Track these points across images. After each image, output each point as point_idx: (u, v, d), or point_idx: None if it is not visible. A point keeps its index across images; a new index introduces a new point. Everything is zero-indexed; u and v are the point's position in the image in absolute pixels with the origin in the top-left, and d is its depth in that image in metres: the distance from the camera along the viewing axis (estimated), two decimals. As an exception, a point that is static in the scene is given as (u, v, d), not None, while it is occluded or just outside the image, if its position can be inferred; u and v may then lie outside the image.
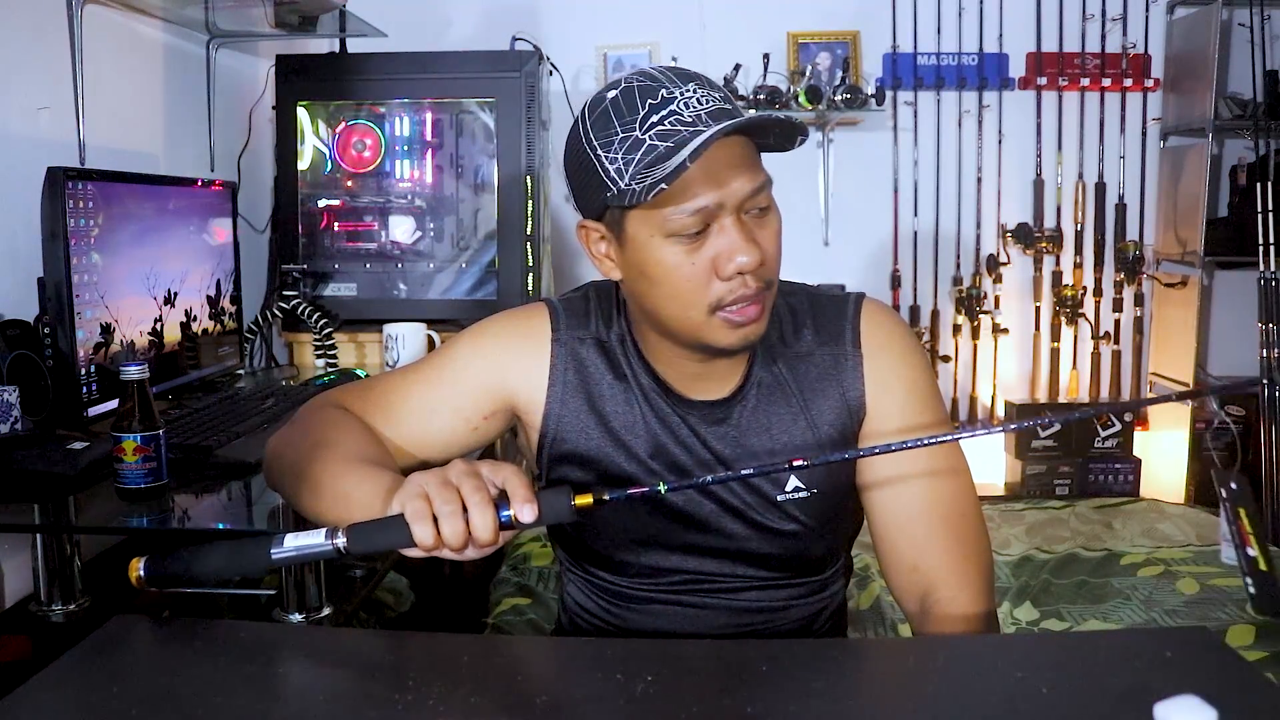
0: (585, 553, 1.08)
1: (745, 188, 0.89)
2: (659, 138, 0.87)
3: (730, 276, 0.90)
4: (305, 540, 0.81)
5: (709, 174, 0.87)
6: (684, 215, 0.88)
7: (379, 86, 2.44)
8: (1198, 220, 2.98)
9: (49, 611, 1.39)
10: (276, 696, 0.74)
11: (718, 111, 0.88)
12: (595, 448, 1.03)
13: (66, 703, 0.71)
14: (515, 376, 1.04)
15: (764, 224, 0.92)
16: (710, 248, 0.90)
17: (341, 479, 0.91)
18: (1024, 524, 2.36)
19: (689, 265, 0.90)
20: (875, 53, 3.14)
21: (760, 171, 0.91)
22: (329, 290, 2.45)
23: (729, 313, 0.92)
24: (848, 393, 1.02)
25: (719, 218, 0.89)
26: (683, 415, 1.02)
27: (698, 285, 0.91)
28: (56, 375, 1.48)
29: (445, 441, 1.04)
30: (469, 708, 0.70)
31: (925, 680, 0.78)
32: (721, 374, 1.02)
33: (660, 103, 0.88)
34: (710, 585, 1.05)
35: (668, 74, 0.91)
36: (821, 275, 3.16)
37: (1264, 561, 0.74)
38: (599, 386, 1.03)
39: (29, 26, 1.76)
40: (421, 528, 0.77)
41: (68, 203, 1.45)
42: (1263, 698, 0.71)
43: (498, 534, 0.78)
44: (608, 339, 1.04)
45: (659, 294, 0.93)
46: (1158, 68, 3.17)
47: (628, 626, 1.08)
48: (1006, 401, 3.25)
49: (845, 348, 1.03)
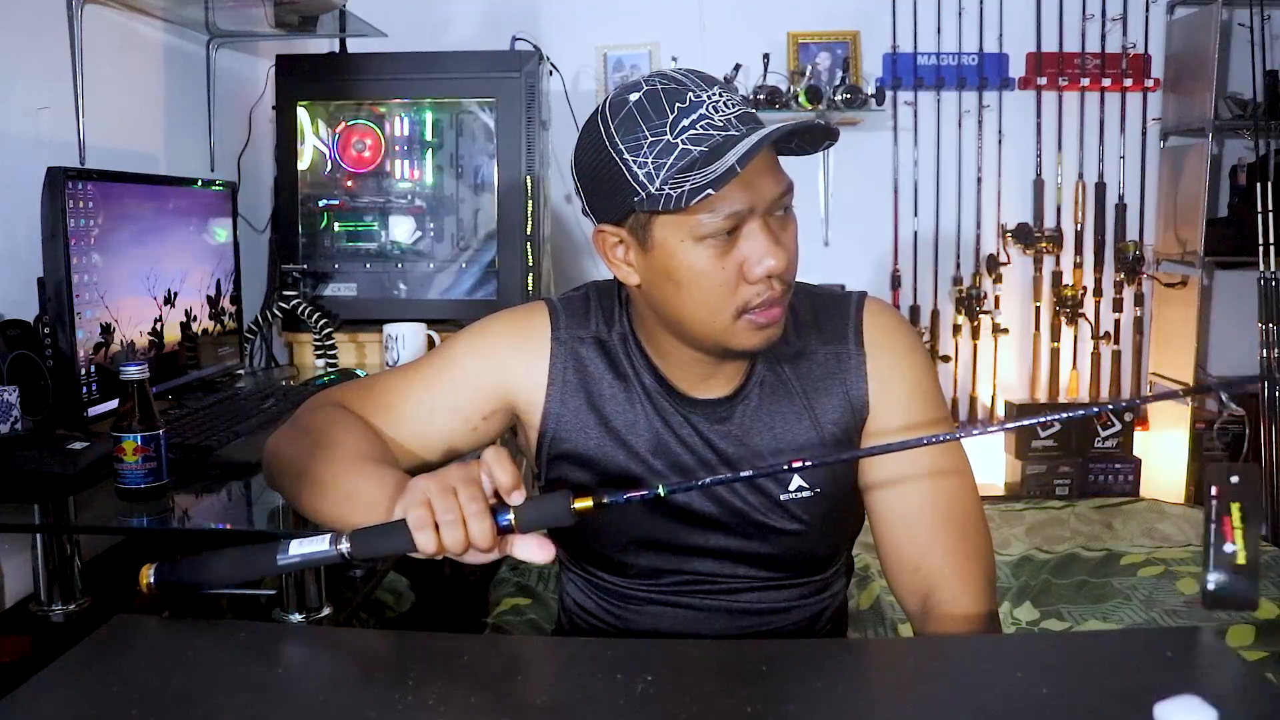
0: (585, 553, 1.08)
1: (774, 190, 0.90)
2: (691, 142, 0.87)
3: (757, 280, 0.90)
4: (310, 546, 0.82)
5: (741, 178, 0.87)
6: (717, 219, 0.89)
7: (379, 86, 2.44)
8: (1198, 220, 2.98)
9: (49, 611, 1.38)
10: (276, 696, 0.74)
11: (744, 115, 0.90)
12: (595, 447, 1.02)
13: (66, 703, 0.71)
14: (514, 376, 1.04)
15: (786, 226, 0.93)
16: (739, 251, 0.90)
17: (346, 478, 0.91)
18: (1024, 524, 2.36)
19: (719, 270, 0.90)
20: (875, 53, 3.14)
21: (784, 174, 0.93)
22: (329, 290, 2.45)
23: (754, 315, 0.92)
24: (851, 391, 1.02)
25: (748, 221, 0.90)
26: (685, 414, 1.02)
27: (726, 289, 0.91)
28: (56, 375, 1.48)
29: (445, 441, 1.04)
30: (469, 708, 0.70)
31: (925, 680, 0.78)
32: (728, 374, 1.02)
33: (689, 106, 0.88)
34: (711, 586, 1.05)
35: (690, 77, 0.91)
36: (821, 275, 3.14)
37: (1244, 556, 0.74)
38: (599, 385, 1.03)
39: (29, 26, 1.76)
40: (424, 536, 0.78)
41: (68, 202, 1.45)
42: (1263, 698, 0.71)
43: (495, 540, 0.79)
44: (609, 338, 1.04)
45: (684, 298, 0.93)
46: (1158, 68, 3.17)
47: (627, 627, 1.08)
48: (1006, 402, 3.25)
49: (848, 346, 1.03)
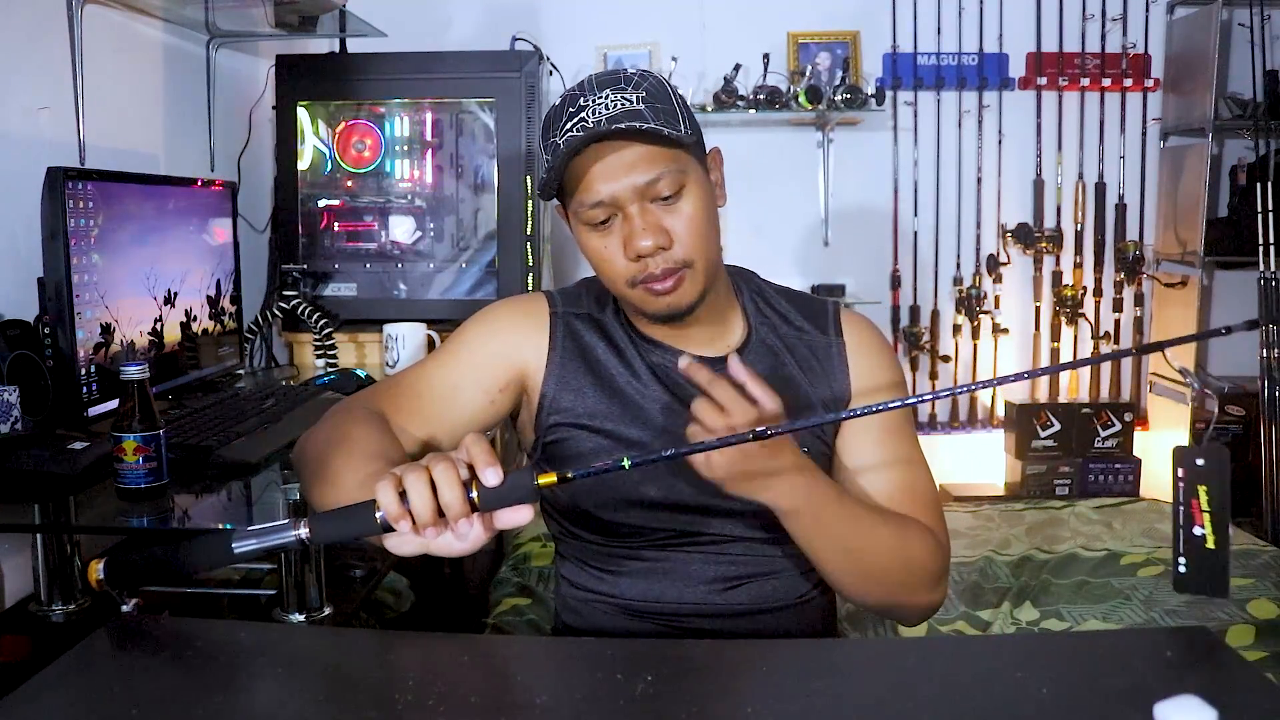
0: (576, 517, 1.11)
1: (639, 180, 1.00)
2: (565, 144, 0.98)
3: (634, 259, 1.01)
4: (266, 533, 0.80)
5: (607, 170, 0.99)
6: (586, 208, 1.02)
7: (379, 86, 2.44)
8: (1198, 220, 2.98)
9: (49, 611, 1.38)
10: (276, 696, 0.74)
11: (617, 115, 0.98)
12: (592, 408, 1.09)
13: (66, 703, 0.71)
14: (521, 347, 1.12)
15: (674, 209, 1.02)
16: (618, 235, 1.02)
17: (354, 473, 0.92)
18: (1024, 524, 2.36)
19: (604, 249, 1.03)
20: (875, 53, 3.14)
21: (659, 163, 1.00)
22: (329, 290, 2.45)
23: (643, 288, 1.03)
24: (834, 384, 1.13)
25: (622, 207, 1.01)
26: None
27: (613, 264, 1.03)
28: (56, 375, 1.48)
29: (468, 418, 1.10)
30: (469, 708, 0.70)
31: (925, 680, 0.78)
32: (707, 338, 1.11)
33: (577, 109, 0.99)
34: (698, 540, 1.08)
35: (593, 81, 1.01)
36: (821, 275, 3.17)
37: (1213, 540, 0.75)
38: (594, 352, 1.12)
39: (29, 26, 1.76)
40: (387, 495, 0.77)
41: (68, 203, 1.45)
42: (1263, 698, 0.71)
43: (466, 507, 0.78)
44: (601, 315, 1.14)
45: (594, 269, 1.07)
46: (1158, 68, 3.17)
47: (618, 593, 1.11)
48: (1006, 402, 3.25)
49: (830, 336, 1.14)
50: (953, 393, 0.96)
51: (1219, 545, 0.74)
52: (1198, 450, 0.75)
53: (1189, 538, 0.75)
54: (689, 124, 1.02)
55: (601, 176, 1.00)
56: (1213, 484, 0.74)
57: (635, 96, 0.99)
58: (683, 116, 1.02)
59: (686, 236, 1.02)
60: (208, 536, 0.84)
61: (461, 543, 0.80)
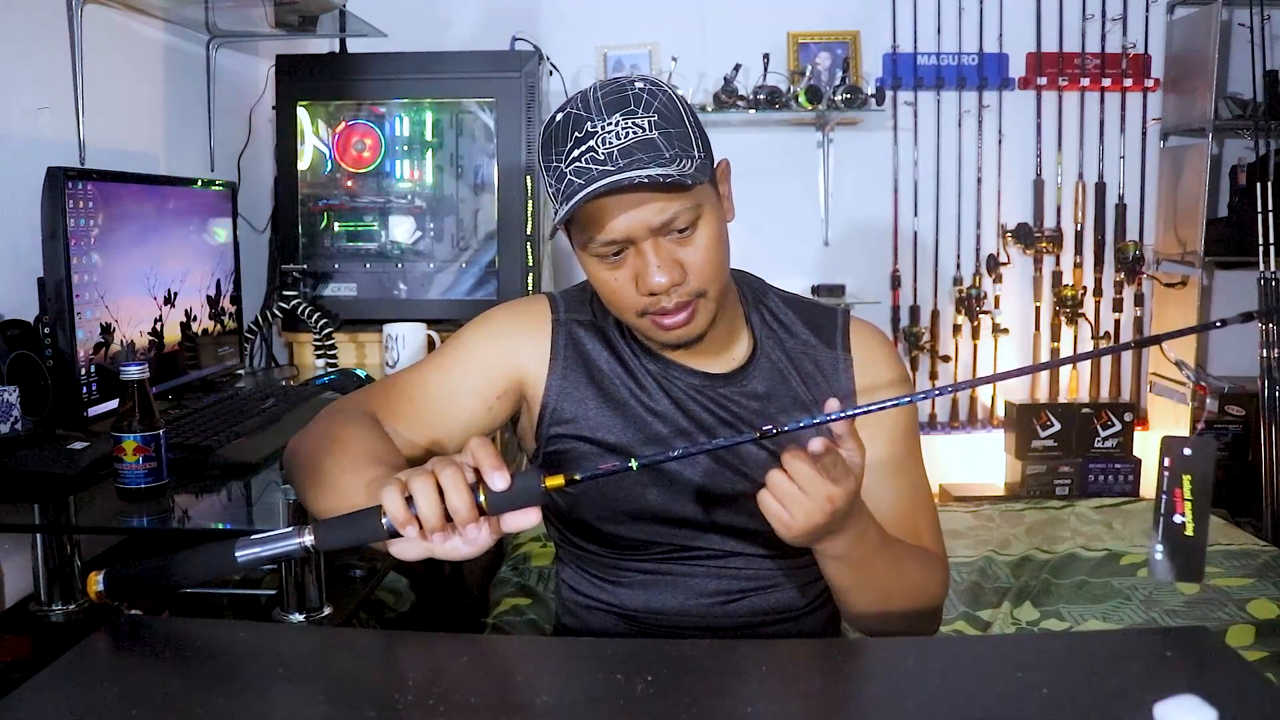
0: (577, 527, 1.10)
1: (654, 219, 0.95)
2: (575, 174, 0.94)
3: (646, 294, 0.98)
4: (270, 539, 0.80)
5: (620, 206, 0.94)
6: (598, 245, 0.97)
7: (379, 86, 2.44)
8: (1198, 220, 2.98)
9: (49, 611, 1.38)
10: (277, 696, 0.74)
11: (629, 148, 0.93)
12: (594, 417, 1.07)
13: (66, 703, 0.71)
14: (521, 354, 1.09)
15: (688, 242, 0.98)
16: (630, 268, 0.98)
17: (346, 476, 0.91)
18: (1024, 524, 2.36)
19: (613, 280, 1.00)
20: (875, 53, 3.14)
21: (673, 199, 0.95)
22: (329, 290, 2.45)
23: (655, 318, 1.00)
24: (839, 396, 1.09)
25: (635, 243, 0.97)
26: (684, 380, 1.08)
27: (623, 296, 1.00)
28: (56, 375, 1.48)
29: (465, 423, 1.07)
30: (469, 708, 0.70)
31: (925, 680, 0.78)
32: (713, 353, 1.08)
33: (584, 135, 0.94)
34: (698, 555, 1.08)
35: (599, 104, 0.96)
36: (821, 275, 3.17)
37: (1192, 528, 0.75)
38: (597, 362, 1.09)
39: (29, 26, 1.76)
40: (392, 501, 0.77)
41: (68, 203, 1.45)
42: (1263, 698, 0.71)
43: (474, 510, 0.77)
44: (604, 324, 1.11)
45: (600, 297, 1.04)
46: (1158, 68, 3.17)
47: (619, 602, 1.10)
48: (1006, 402, 3.25)
49: (837, 351, 1.11)
50: (954, 389, 0.95)
51: (1197, 533, 0.75)
52: (1186, 440, 0.76)
53: (1169, 525, 0.76)
54: (701, 145, 0.98)
55: (614, 214, 0.95)
56: (1197, 474, 0.75)
57: (646, 121, 0.94)
58: (695, 138, 0.97)
59: (700, 268, 0.99)
60: (210, 546, 0.82)
61: (468, 547, 0.79)
